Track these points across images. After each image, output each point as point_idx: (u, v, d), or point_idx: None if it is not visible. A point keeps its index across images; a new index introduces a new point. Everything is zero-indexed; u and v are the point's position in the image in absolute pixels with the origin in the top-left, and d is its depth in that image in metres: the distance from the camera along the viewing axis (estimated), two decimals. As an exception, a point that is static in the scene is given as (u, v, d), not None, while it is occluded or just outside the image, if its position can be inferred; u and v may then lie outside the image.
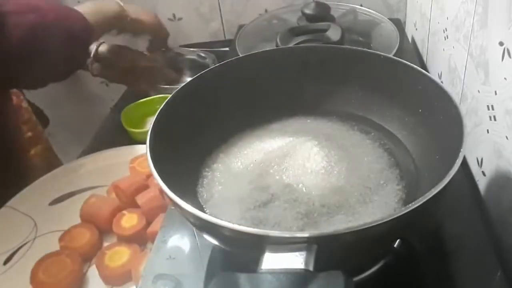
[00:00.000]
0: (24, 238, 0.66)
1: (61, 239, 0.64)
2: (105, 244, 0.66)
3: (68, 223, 0.67)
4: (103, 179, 0.73)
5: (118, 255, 0.61)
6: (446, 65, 0.73)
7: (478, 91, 0.58)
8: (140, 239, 0.64)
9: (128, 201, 0.68)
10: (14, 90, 0.82)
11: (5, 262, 0.63)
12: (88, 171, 0.78)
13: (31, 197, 0.72)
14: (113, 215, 0.66)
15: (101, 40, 0.80)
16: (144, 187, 0.70)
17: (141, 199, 0.67)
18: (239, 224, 0.35)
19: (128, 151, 0.80)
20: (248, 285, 0.32)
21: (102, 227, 0.66)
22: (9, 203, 0.71)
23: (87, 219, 0.67)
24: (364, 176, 0.50)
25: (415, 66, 0.52)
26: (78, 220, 0.68)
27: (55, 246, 0.64)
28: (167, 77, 0.89)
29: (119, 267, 0.60)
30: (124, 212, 0.67)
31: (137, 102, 0.89)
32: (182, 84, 0.54)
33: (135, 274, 0.58)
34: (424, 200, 0.35)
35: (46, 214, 0.70)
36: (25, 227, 0.68)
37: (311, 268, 0.32)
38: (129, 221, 0.65)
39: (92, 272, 0.62)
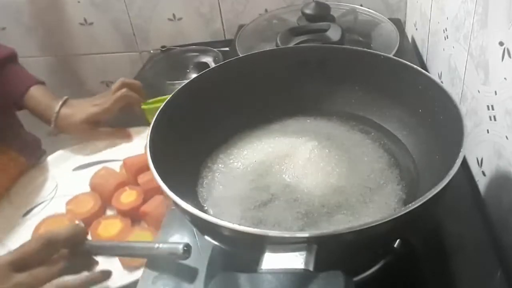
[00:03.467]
0: (45, 196, 0.73)
1: (68, 203, 0.69)
2: (108, 213, 0.69)
3: (84, 189, 0.72)
4: (123, 153, 0.76)
5: (111, 227, 0.64)
6: (446, 65, 0.73)
7: (478, 91, 0.58)
8: (136, 215, 0.66)
9: (132, 178, 0.71)
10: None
11: (24, 215, 0.70)
12: (113, 144, 0.82)
13: (59, 161, 0.80)
14: (116, 189, 0.69)
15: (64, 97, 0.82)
16: (148, 167, 0.71)
17: (142, 178, 0.69)
18: (239, 224, 0.35)
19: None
20: (248, 285, 0.32)
21: (107, 198, 0.69)
22: (39, 165, 0.79)
23: (94, 188, 0.71)
24: (364, 176, 0.50)
25: (415, 66, 0.52)
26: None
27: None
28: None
29: (108, 238, 0.63)
30: (126, 188, 0.70)
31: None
32: (182, 84, 0.54)
33: None
34: (424, 200, 0.35)
35: (68, 179, 0.76)
36: (48, 187, 0.75)
37: (311, 268, 0.32)
38: (128, 197, 0.68)
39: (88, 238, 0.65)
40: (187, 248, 0.46)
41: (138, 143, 0.81)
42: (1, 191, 0.74)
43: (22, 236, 0.66)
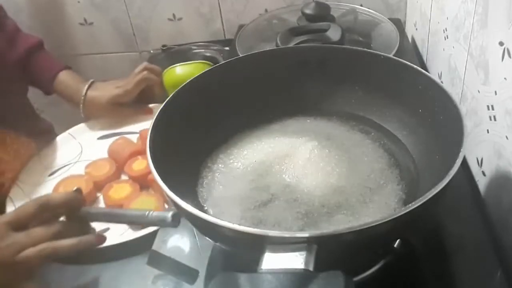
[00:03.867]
0: (70, 160, 0.80)
1: (87, 166, 0.75)
2: (123, 178, 0.74)
3: (105, 156, 0.78)
4: (143, 127, 0.83)
5: (121, 190, 0.69)
6: (446, 65, 0.73)
7: (478, 91, 0.58)
8: (144, 182, 0.70)
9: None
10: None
11: (51, 174, 0.77)
12: (136, 119, 0.88)
13: (86, 131, 0.87)
14: (130, 157, 0.74)
15: (90, 80, 0.87)
16: None
17: None
18: (239, 224, 0.35)
19: None
20: (248, 285, 0.32)
21: (121, 165, 0.74)
22: (69, 131, 0.86)
23: (111, 155, 0.77)
24: (364, 176, 0.50)
25: (415, 66, 0.52)
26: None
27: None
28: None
29: (116, 200, 0.68)
30: (139, 156, 0.74)
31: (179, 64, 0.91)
32: (182, 84, 0.54)
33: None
34: (424, 200, 0.36)
35: (92, 146, 0.83)
36: (74, 152, 0.82)
37: (311, 268, 0.32)
38: (139, 165, 0.72)
39: (102, 199, 0.71)
40: (176, 217, 0.47)
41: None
42: (12, 176, 0.76)
43: (47, 192, 0.72)
